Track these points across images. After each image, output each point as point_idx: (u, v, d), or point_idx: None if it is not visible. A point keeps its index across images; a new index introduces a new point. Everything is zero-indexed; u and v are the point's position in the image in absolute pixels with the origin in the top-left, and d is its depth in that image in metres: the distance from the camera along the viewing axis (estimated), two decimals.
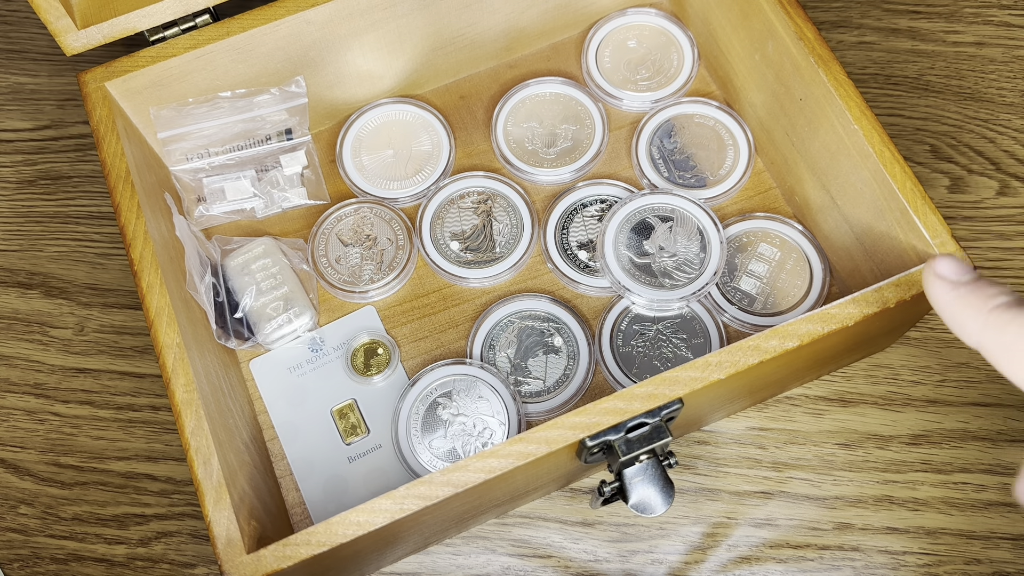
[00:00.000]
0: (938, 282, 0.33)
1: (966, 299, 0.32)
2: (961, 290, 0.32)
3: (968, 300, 0.32)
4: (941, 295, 0.33)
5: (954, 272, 0.33)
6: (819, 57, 0.45)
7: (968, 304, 0.32)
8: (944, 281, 0.33)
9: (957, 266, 0.33)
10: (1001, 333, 0.30)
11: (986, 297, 0.31)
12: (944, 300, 0.33)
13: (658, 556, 0.48)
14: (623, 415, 0.38)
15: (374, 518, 0.36)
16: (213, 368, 0.44)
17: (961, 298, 0.32)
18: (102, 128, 0.46)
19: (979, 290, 0.32)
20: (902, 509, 0.48)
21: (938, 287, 0.33)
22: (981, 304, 0.31)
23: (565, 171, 0.54)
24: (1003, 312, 0.30)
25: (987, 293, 0.31)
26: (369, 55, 0.53)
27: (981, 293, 0.31)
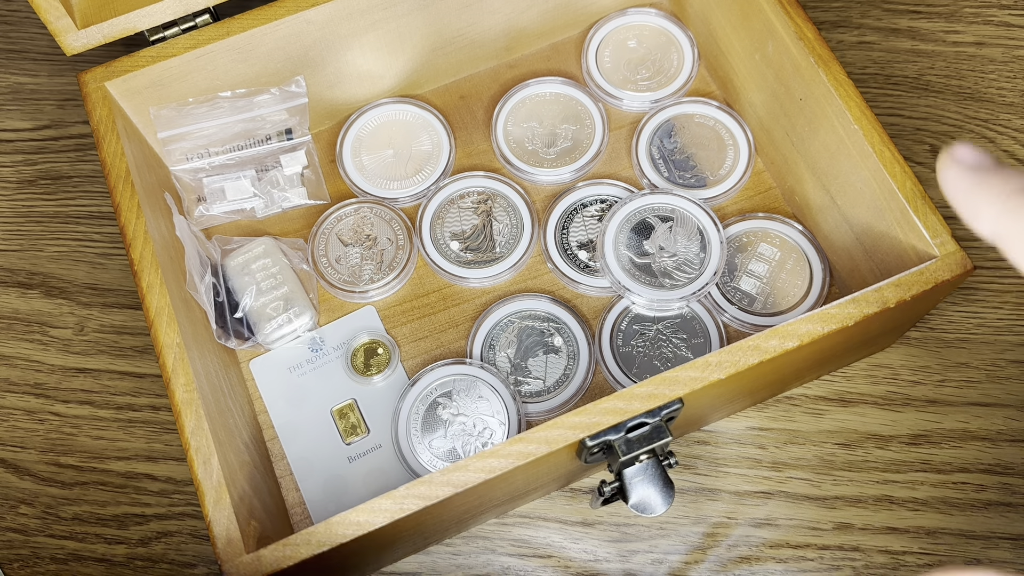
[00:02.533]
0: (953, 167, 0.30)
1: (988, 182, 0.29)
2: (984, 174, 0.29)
3: (990, 183, 0.29)
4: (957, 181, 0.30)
5: (973, 157, 0.30)
6: (819, 57, 0.45)
7: (988, 189, 0.29)
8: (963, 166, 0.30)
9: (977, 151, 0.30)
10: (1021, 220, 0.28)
11: (1007, 179, 0.29)
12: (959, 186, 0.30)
13: (658, 556, 0.48)
14: (623, 415, 0.38)
15: (374, 518, 0.36)
16: (213, 368, 0.44)
17: (982, 183, 0.29)
18: (102, 128, 0.46)
19: (1000, 174, 0.29)
20: (902, 509, 0.48)
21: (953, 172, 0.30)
22: (1001, 187, 0.29)
23: (565, 171, 0.54)
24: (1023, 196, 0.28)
25: (1008, 176, 0.29)
26: (369, 55, 0.53)
27: (1002, 177, 0.29)
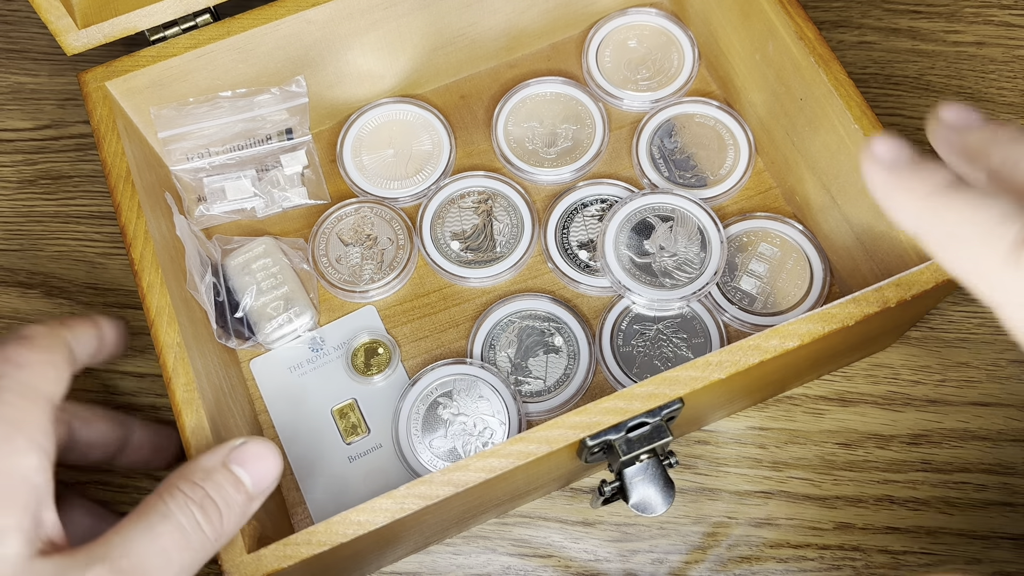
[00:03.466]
0: (873, 164, 0.29)
1: (904, 181, 0.28)
2: (900, 171, 0.28)
3: (907, 183, 0.28)
4: (875, 178, 0.29)
5: (891, 151, 0.29)
6: (819, 57, 0.45)
7: (906, 187, 0.28)
8: (881, 163, 0.29)
9: (895, 145, 0.29)
10: (939, 219, 0.27)
11: (924, 178, 0.28)
12: (879, 183, 0.29)
13: (658, 556, 0.48)
14: (623, 415, 0.38)
15: (374, 518, 0.36)
16: (213, 368, 0.44)
17: (899, 181, 0.28)
18: (102, 128, 0.46)
19: (918, 170, 0.28)
20: (902, 509, 0.48)
21: (872, 169, 0.29)
22: (919, 186, 0.28)
23: (565, 171, 0.54)
24: (942, 195, 0.27)
25: (926, 173, 0.28)
26: (369, 55, 0.53)
27: (920, 174, 0.28)
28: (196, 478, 0.34)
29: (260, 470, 0.35)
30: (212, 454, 0.35)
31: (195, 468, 0.34)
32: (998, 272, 0.25)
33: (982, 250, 0.26)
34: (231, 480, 0.35)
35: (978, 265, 0.26)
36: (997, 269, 0.25)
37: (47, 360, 0.36)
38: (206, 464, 0.35)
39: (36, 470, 0.32)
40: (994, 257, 0.25)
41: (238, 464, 0.35)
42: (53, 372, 0.36)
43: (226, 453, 0.35)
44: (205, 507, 0.33)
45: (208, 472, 0.34)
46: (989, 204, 0.26)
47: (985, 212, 0.26)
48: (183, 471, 0.34)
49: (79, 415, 0.42)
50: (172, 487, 0.33)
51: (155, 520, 0.32)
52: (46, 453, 0.33)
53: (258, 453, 0.35)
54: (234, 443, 0.36)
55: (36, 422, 0.33)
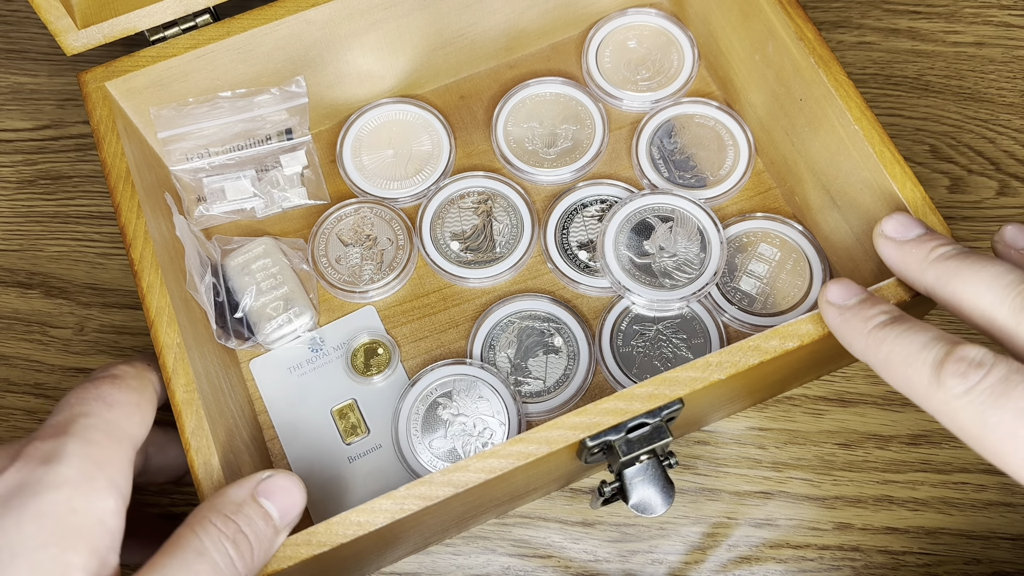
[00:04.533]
0: (828, 307, 0.36)
1: (850, 322, 0.35)
2: (846, 313, 0.35)
3: (852, 323, 0.35)
4: (831, 319, 0.36)
5: (840, 297, 0.36)
6: (819, 57, 0.45)
7: (852, 327, 0.35)
8: (833, 306, 0.36)
9: (844, 290, 0.36)
10: (877, 351, 0.33)
11: (866, 319, 0.34)
12: (834, 324, 0.36)
13: (658, 556, 0.48)
14: (623, 415, 0.38)
15: (374, 518, 0.36)
16: (213, 368, 0.44)
17: (847, 321, 0.35)
18: (102, 128, 0.46)
19: (861, 312, 0.35)
20: (902, 509, 0.48)
21: (828, 312, 0.36)
22: (862, 325, 0.34)
23: (565, 171, 0.54)
24: (879, 331, 0.33)
25: (867, 315, 0.34)
26: (369, 55, 0.53)
27: (862, 315, 0.35)
28: (228, 511, 0.34)
29: (287, 503, 0.36)
30: (240, 486, 0.35)
31: (225, 500, 0.34)
32: (925, 389, 0.31)
33: (911, 372, 0.32)
34: (261, 513, 0.35)
35: (910, 384, 0.32)
36: (924, 387, 0.31)
37: (135, 402, 0.37)
38: (235, 497, 0.35)
39: (112, 514, 0.33)
40: (920, 378, 0.31)
41: (265, 497, 0.35)
42: (139, 416, 0.37)
43: (254, 486, 0.35)
44: (238, 542, 0.33)
45: (239, 505, 0.34)
46: (914, 335, 0.32)
47: (910, 342, 0.32)
48: (214, 503, 0.34)
49: (156, 441, 0.42)
50: (204, 520, 0.33)
51: (191, 557, 0.32)
52: (123, 497, 0.34)
53: (284, 486, 0.36)
54: (261, 475, 0.36)
55: (118, 464, 0.34)
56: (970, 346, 0.31)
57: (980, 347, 0.31)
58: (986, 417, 0.30)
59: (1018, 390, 0.29)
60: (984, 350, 0.31)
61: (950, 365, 0.31)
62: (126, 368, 0.39)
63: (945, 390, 0.31)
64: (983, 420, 0.30)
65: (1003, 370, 0.30)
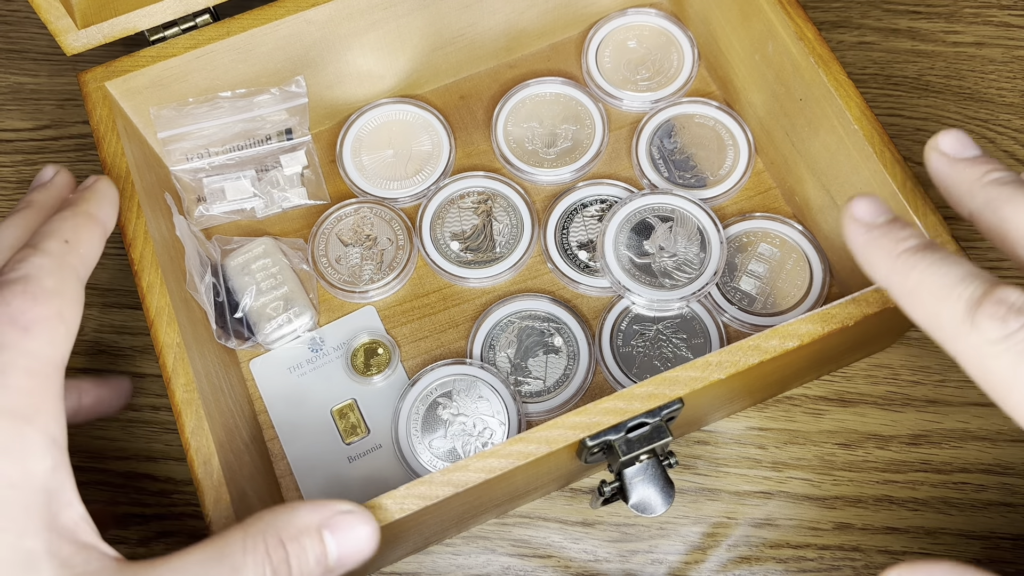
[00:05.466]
0: (853, 224, 0.33)
1: (878, 241, 0.32)
2: (874, 232, 0.32)
3: (879, 243, 0.32)
4: (855, 237, 0.33)
5: (869, 213, 0.33)
6: (819, 57, 0.45)
7: (879, 247, 0.32)
8: (859, 223, 0.33)
9: (873, 207, 0.33)
10: (905, 278, 0.30)
11: (896, 240, 0.31)
12: (858, 242, 0.33)
13: (658, 556, 0.48)
14: (623, 415, 0.38)
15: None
16: (213, 368, 0.44)
17: (873, 240, 0.32)
18: (102, 128, 0.46)
19: (891, 233, 0.32)
20: (902, 509, 0.48)
21: (852, 228, 0.33)
22: (891, 247, 0.31)
23: (565, 171, 0.54)
24: (910, 256, 0.30)
25: (897, 236, 0.31)
26: (369, 55, 0.53)
27: (892, 236, 0.31)
28: (285, 535, 0.31)
29: (352, 547, 0.32)
30: (314, 511, 0.32)
31: (289, 522, 0.31)
32: (955, 328, 0.28)
33: (941, 307, 0.29)
34: (318, 550, 0.31)
35: (938, 320, 0.29)
36: (954, 325, 0.28)
37: (56, 313, 0.31)
38: (303, 522, 0.31)
39: (54, 470, 0.29)
40: (952, 314, 0.28)
41: (332, 532, 0.32)
42: (63, 328, 0.31)
43: (328, 515, 0.32)
44: (278, 571, 0.30)
45: (300, 532, 0.31)
46: (949, 266, 0.29)
47: (945, 274, 0.29)
48: (277, 521, 0.31)
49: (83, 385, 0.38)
50: (259, 537, 0.30)
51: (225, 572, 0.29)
52: (61, 447, 0.30)
53: (357, 529, 0.32)
54: (342, 507, 0.32)
55: (49, 408, 0.30)
56: (1012, 288, 0.28)
57: (1023, 291, 0.28)
58: (1019, 369, 0.27)
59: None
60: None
61: (989, 306, 0.28)
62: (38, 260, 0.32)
63: (979, 332, 0.28)
64: (1016, 372, 0.27)
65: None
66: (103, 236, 0.36)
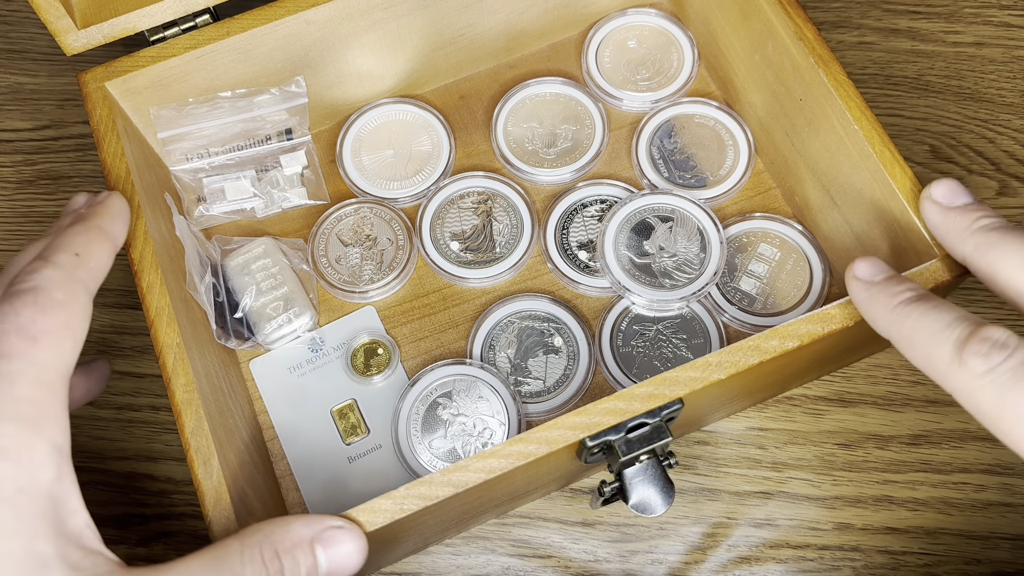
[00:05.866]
0: (855, 282, 0.37)
1: (876, 297, 0.35)
2: (873, 289, 0.36)
3: (877, 298, 0.35)
4: (857, 293, 0.37)
5: (868, 273, 0.37)
6: (819, 57, 0.45)
7: (877, 302, 0.35)
8: (860, 281, 0.37)
9: (872, 267, 0.37)
10: (901, 327, 0.34)
11: (892, 295, 0.35)
12: (859, 299, 0.37)
13: (658, 556, 0.48)
14: (623, 415, 0.38)
15: (374, 518, 0.36)
16: (213, 368, 0.44)
17: (872, 296, 0.36)
18: (102, 128, 0.46)
19: (887, 288, 0.35)
20: (902, 509, 0.48)
21: (854, 287, 0.37)
22: (888, 301, 0.35)
23: (565, 171, 0.54)
24: (904, 307, 0.34)
25: (893, 291, 0.35)
26: (369, 55, 0.53)
27: (889, 291, 0.35)
28: (281, 548, 0.32)
29: (341, 561, 0.34)
30: (309, 525, 0.33)
31: (286, 535, 0.33)
32: (946, 367, 0.32)
33: (933, 349, 0.32)
34: (309, 563, 0.33)
35: (931, 361, 0.32)
36: (945, 365, 0.32)
37: (64, 324, 0.32)
38: (297, 535, 0.33)
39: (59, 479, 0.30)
40: (942, 355, 0.32)
41: (324, 547, 0.33)
42: (71, 340, 0.32)
43: (320, 530, 0.33)
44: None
45: (295, 545, 0.32)
46: (939, 313, 0.33)
47: (935, 320, 0.32)
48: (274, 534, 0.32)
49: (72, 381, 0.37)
50: (255, 548, 0.32)
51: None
52: (64, 454, 0.30)
53: (348, 544, 0.34)
54: (333, 522, 0.34)
55: (55, 417, 0.30)
56: (994, 328, 0.31)
57: (1004, 329, 0.31)
58: (1004, 398, 0.30)
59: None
60: (1008, 332, 0.31)
61: (973, 345, 0.31)
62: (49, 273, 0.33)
63: (966, 369, 0.31)
64: (1001, 401, 0.30)
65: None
66: (113, 251, 0.38)
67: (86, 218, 0.38)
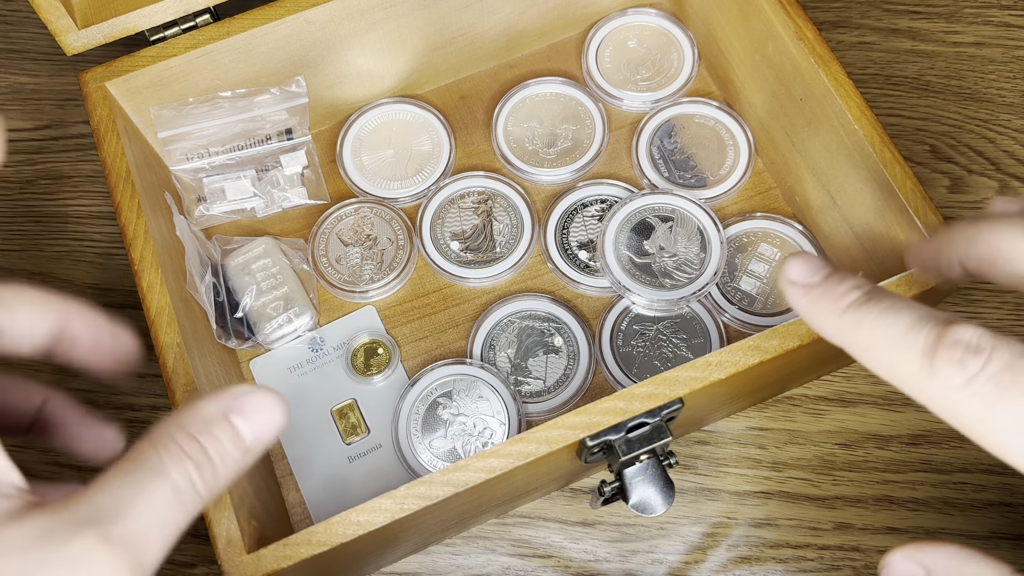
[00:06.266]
0: (791, 287, 0.32)
1: (819, 302, 0.31)
2: (814, 293, 0.31)
3: (821, 303, 0.31)
4: (795, 300, 0.32)
5: (803, 274, 0.32)
6: (819, 57, 0.45)
7: (821, 308, 0.31)
8: (796, 286, 0.31)
9: (807, 266, 0.32)
10: (855, 336, 0.29)
11: (836, 297, 0.30)
12: (799, 306, 0.31)
13: (658, 556, 0.48)
14: (623, 415, 0.38)
15: (374, 518, 0.36)
16: (213, 368, 0.44)
17: (814, 302, 0.31)
18: (102, 128, 0.46)
19: (830, 290, 0.30)
20: (902, 509, 0.48)
21: (792, 293, 0.32)
22: (833, 305, 0.30)
23: (565, 171, 0.54)
24: (855, 311, 0.29)
25: (837, 292, 0.30)
26: (369, 55, 0.53)
27: (832, 293, 0.30)
28: (193, 429, 0.30)
29: (262, 423, 0.31)
30: (213, 401, 0.31)
31: (194, 417, 0.30)
32: (915, 378, 0.27)
33: (897, 359, 0.28)
34: (230, 434, 0.31)
35: (897, 372, 0.28)
36: (914, 375, 0.27)
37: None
38: (205, 413, 0.31)
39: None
40: (909, 365, 0.27)
41: (239, 416, 0.31)
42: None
43: (228, 401, 0.31)
44: (200, 464, 0.30)
45: (207, 423, 0.30)
46: (896, 315, 0.28)
47: (893, 324, 0.28)
48: (180, 419, 0.30)
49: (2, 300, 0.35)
50: (167, 437, 0.29)
51: (148, 477, 0.28)
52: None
53: (261, 406, 0.31)
54: (237, 390, 0.31)
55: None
56: (965, 326, 0.27)
57: (975, 327, 0.27)
58: (993, 412, 0.26)
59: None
60: (980, 331, 0.27)
61: (944, 351, 0.27)
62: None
63: (940, 380, 0.27)
64: (990, 415, 0.26)
65: (1006, 355, 0.26)
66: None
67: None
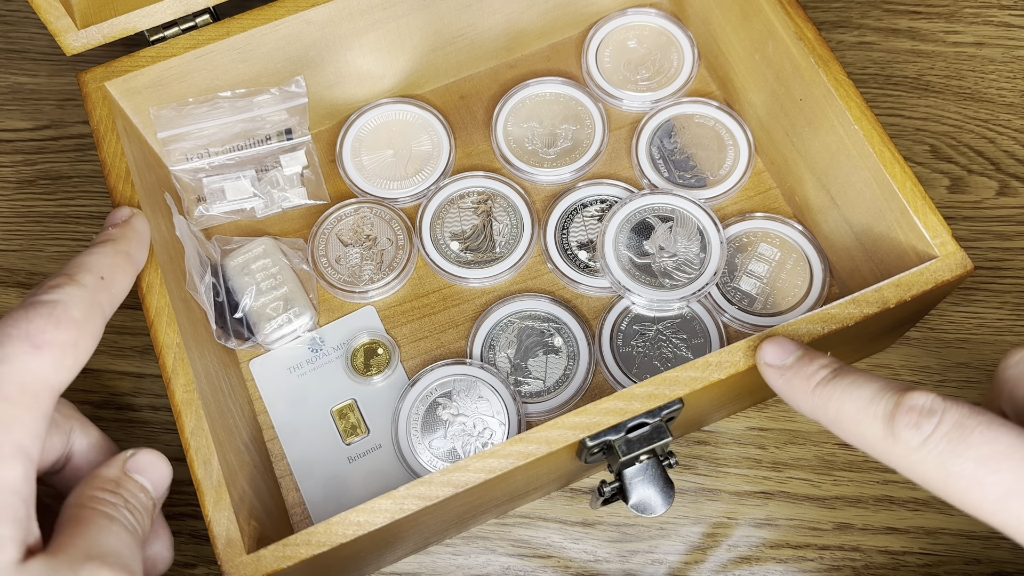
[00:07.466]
0: (767, 369, 0.36)
1: (792, 382, 0.34)
2: (787, 374, 0.35)
3: (794, 383, 0.34)
4: (772, 381, 0.36)
5: (777, 357, 0.36)
6: (819, 57, 0.45)
7: (795, 387, 0.34)
8: (772, 368, 0.35)
9: (779, 349, 0.36)
10: (826, 410, 0.33)
11: (807, 377, 0.34)
12: (776, 386, 0.35)
13: (658, 556, 0.48)
14: (623, 415, 0.38)
15: (374, 518, 0.36)
16: (213, 368, 0.44)
17: (788, 381, 0.35)
18: (102, 128, 0.46)
19: (800, 371, 0.34)
20: (902, 509, 0.48)
21: (768, 374, 0.36)
22: (805, 384, 0.34)
23: (565, 171, 0.54)
24: (823, 388, 0.33)
25: (807, 372, 0.34)
26: (369, 55, 0.53)
27: (804, 373, 0.34)
28: (109, 488, 0.34)
29: (156, 476, 0.36)
30: (109, 466, 0.35)
31: (103, 480, 0.34)
32: (881, 444, 0.31)
33: (863, 428, 0.31)
34: (137, 486, 0.35)
35: (866, 441, 0.31)
36: (879, 442, 0.31)
37: (71, 341, 0.33)
38: (109, 475, 0.34)
39: (22, 480, 0.30)
40: (874, 433, 0.31)
41: (137, 472, 0.35)
42: (71, 359, 0.33)
43: (122, 464, 0.35)
44: (132, 508, 0.33)
45: (116, 482, 0.34)
46: (859, 388, 0.32)
47: (857, 397, 0.32)
48: (92, 484, 0.33)
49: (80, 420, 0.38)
50: (93, 498, 0.33)
51: (104, 522, 0.32)
52: (32, 460, 0.31)
53: (151, 462, 0.36)
54: (125, 454, 0.35)
55: (29, 423, 0.31)
56: (918, 392, 0.30)
57: (928, 393, 0.30)
58: (948, 468, 0.29)
59: (975, 435, 0.29)
60: (932, 395, 0.30)
61: (901, 416, 0.30)
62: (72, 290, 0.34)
63: (901, 443, 0.30)
64: (945, 471, 0.29)
65: (955, 415, 0.29)
66: (135, 276, 0.39)
67: (116, 240, 0.39)
